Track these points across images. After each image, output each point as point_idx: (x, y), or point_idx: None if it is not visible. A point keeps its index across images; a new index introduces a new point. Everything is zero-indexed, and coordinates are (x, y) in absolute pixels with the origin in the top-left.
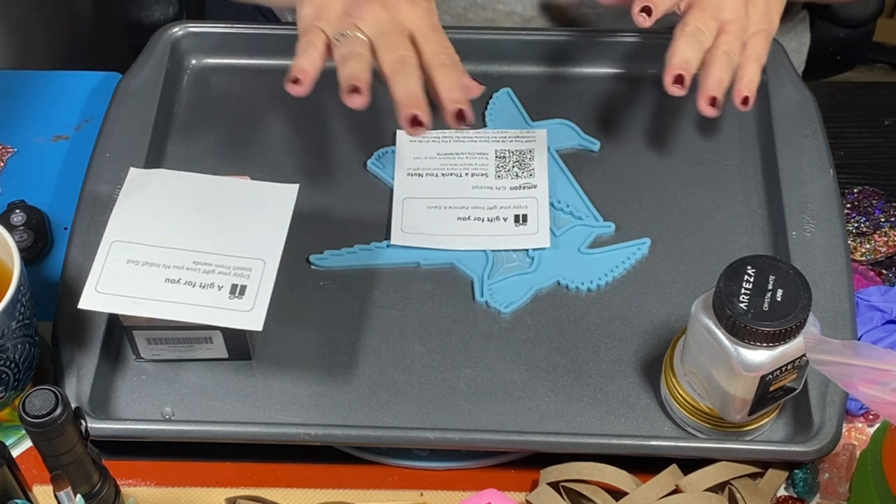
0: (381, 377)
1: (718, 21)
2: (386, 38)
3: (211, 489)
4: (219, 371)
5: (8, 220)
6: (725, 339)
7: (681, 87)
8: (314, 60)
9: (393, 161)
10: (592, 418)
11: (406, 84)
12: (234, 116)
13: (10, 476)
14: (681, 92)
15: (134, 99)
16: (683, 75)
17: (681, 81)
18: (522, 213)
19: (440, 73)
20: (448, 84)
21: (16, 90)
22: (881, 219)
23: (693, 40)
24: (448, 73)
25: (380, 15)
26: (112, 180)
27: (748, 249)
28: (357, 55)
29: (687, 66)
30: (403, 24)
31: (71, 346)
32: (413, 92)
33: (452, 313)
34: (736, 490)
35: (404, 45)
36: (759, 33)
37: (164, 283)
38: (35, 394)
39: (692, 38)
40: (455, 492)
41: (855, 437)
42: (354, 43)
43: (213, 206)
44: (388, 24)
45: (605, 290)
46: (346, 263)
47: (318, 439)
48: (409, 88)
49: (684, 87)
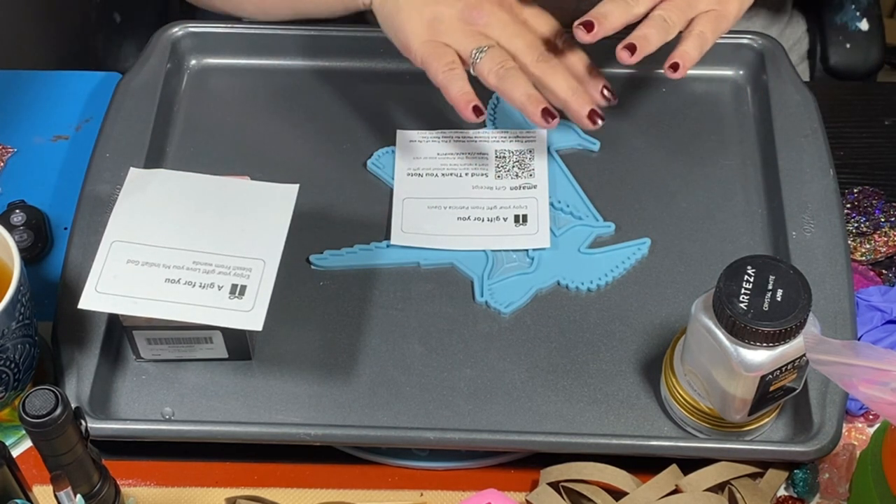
0: (381, 377)
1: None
2: (519, 39)
3: (211, 489)
4: (219, 371)
5: (8, 220)
6: (725, 339)
7: (585, 32)
8: (467, 81)
9: (393, 161)
10: (592, 418)
11: (565, 81)
12: (234, 116)
13: (10, 476)
14: (585, 37)
15: (134, 99)
16: (594, 24)
17: (588, 27)
18: (522, 213)
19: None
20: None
21: (16, 90)
22: (881, 219)
23: (619, 0)
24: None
25: (501, 16)
26: (112, 180)
27: (748, 249)
28: (514, 72)
29: (603, 18)
30: (521, 16)
31: (71, 346)
32: (576, 86)
33: (452, 313)
34: (736, 490)
35: (537, 41)
36: (708, 13)
37: (164, 283)
38: (35, 394)
39: (658, 21)
40: (455, 492)
41: (855, 437)
42: (499, 57)
43: (213, 206)
44: (513, 24)
45: (605, 290)
46: (346, 263)
47: (318, 439)
48: (570, 84)
49: (590, 33)
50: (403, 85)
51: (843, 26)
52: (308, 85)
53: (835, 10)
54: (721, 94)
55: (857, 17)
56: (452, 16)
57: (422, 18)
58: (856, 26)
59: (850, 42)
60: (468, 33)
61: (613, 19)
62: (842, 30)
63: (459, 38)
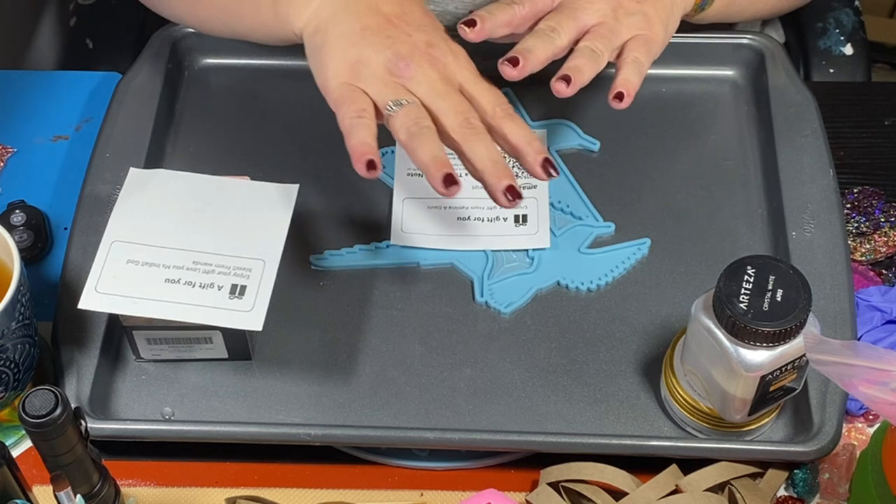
0: (381, 377)
1: (577, 23)
2: (444, 101)
3: (211, 489)
4: (219, 371)
5: (8, 220)
6: (725, 339)
7: (512, 67)
8: (373, 133)
9: (393, 161)
10: (592, 418)
11: (486, 150)
12: (233, 116)
13: (10, 476)
14: (512, 73)
15: (134, 99)
16: (519, 59)
17: (514, 63)
18: (522, 213)
19: (510, 126)
20: (525, 135)
21: (16, 90)
22: (881, 219)
23: (541, 35)
24: (517, 125)
25: (429, 73)
26: (112, 180)
27: (748, 249)
28: (427, 132)
29: (528, 52)
30: (454, 79)
31: (71, 346)
32: (497, 158)
33: (452, 313)
34: (736, 490)
35: (465, 105)
36: (636, 38)
37: (163, 283)
38: (35, 394)
39: (540, 34)
40: (455, 492)
41: (855, 437)
42: (414, 114)
43: (213, 207)
44: (441, 84)
45: (605, 290)
46: (346, 263)
47: (318, 439)
48: (492, 155)
49: (517, 69)
50: None
51: (826, 51)
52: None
53: (817, 35)
54: (721, 94)
55: (841, 42)
56: (378, 63)
57: (346, 59)
58: (840, 51)
59: (834, 67)
60: (390, 84)
61: (539, 53)
62: (825, 55)
63: (379, 87)
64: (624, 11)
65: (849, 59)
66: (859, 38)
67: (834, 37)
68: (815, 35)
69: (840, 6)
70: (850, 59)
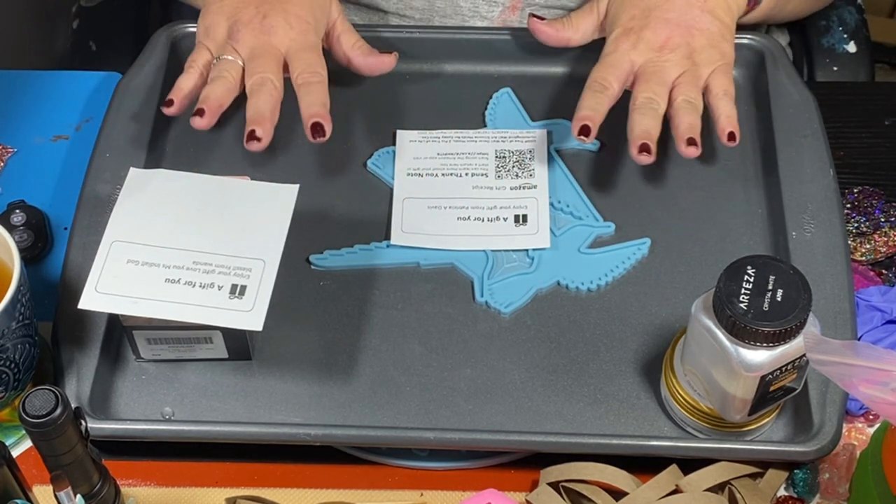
0: (381, 377)
1: (666, 84)
2: (254, 62)
3: (211, 489)
4: (219, 371)
5: (8, 220)
6: (725, 339)
7: (648, 154)
8: (193, 80)
9: (393, 161)
10: (592, 418)
11: (254, 103)
12: (234, 116)
13: (10, 476)
14: (649, 159)
15: (134, 99)
16: (648, 143)
17: (647, 150)
18: (522, 213)
19: (303, 91)
20: (308, 100)
21: (16, 90)
22: (881, 219)
23: (647, 110)
24: (309, 90)
25: (253, 39)
26: (112, 180)
27: (748, 249)
28: (222, 78)
29: (648, 135)
30: (276, 47)
31: (71, 346)
32: (260, 110)
33: (452, 313)
34: (736, 490)
35: (268, 67)
36: (715, 72)
37: (164, 283)
38: (35, 394)
39: (645, 109)
40: (455, 492)
41: (855, 437)
42: (224, 66)
43: (213, 206)
44: (261, 48)
45: (605, 290)
46: (346, 263)
47: (318, 439)
48: (257, 107)
49: (651, 154)
50: (403, 85)
51: (829, 49)
52: None
53: (821, 33)
54: None
55: (844, 40)
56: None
57: (204, 22)
58: (843, 48)
59: (837, 65)
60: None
61: (601, 110)
62: (828, 52)
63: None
64: (696, 52)
65: (852, 56)
66: (862, 36)
67: (837, 34)
68: (818, 33)
69: (843, 4)
70: (854, 57)
